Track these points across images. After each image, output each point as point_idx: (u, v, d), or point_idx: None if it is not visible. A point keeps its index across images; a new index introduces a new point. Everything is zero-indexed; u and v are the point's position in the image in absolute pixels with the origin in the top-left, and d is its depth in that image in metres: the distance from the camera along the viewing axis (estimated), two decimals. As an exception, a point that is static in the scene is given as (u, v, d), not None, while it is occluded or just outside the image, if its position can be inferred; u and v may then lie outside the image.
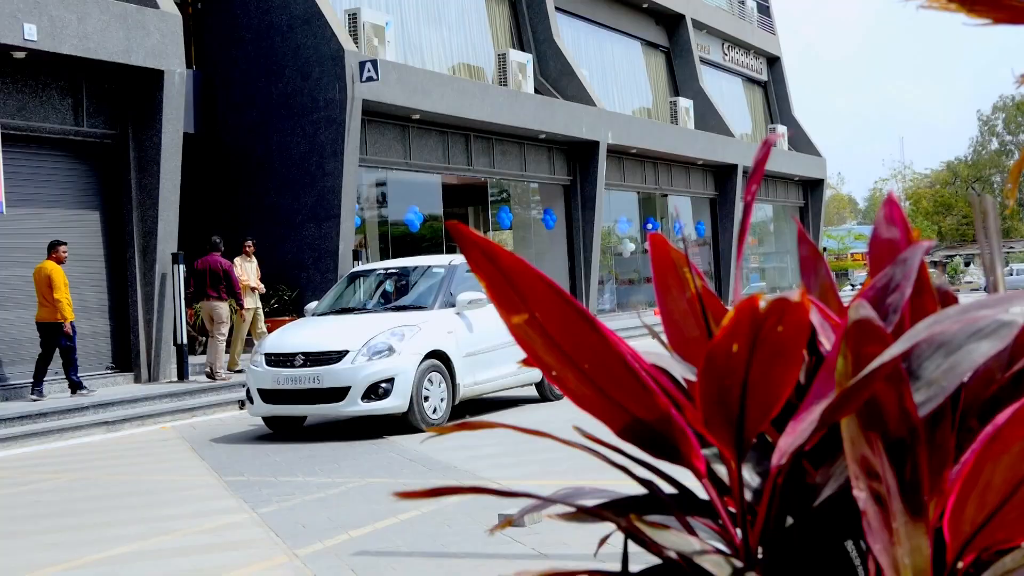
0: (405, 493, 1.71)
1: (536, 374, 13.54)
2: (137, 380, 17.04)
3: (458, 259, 13.56)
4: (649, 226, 33.53)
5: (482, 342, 12.73)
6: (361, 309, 13.31)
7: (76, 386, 15.03)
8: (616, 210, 31.90)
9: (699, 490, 1.91)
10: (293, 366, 11.86)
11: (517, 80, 26.52)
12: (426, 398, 11.91)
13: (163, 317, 17.11)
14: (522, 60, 26.91)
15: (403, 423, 11.87)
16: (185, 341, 17.26)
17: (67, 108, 16.41)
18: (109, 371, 16.95)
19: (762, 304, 1.54)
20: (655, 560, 1.79)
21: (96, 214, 17.07)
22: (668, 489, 1.88)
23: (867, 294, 1.74)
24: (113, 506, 8.91)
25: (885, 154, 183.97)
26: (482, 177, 26.13)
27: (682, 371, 1.80)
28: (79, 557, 7.09)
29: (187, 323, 17.91)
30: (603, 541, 2.16)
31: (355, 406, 11.59)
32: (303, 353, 11.90)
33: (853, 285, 50.45)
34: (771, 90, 44.48)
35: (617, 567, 1.88)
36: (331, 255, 20.00)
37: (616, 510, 1.76)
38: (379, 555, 6.63)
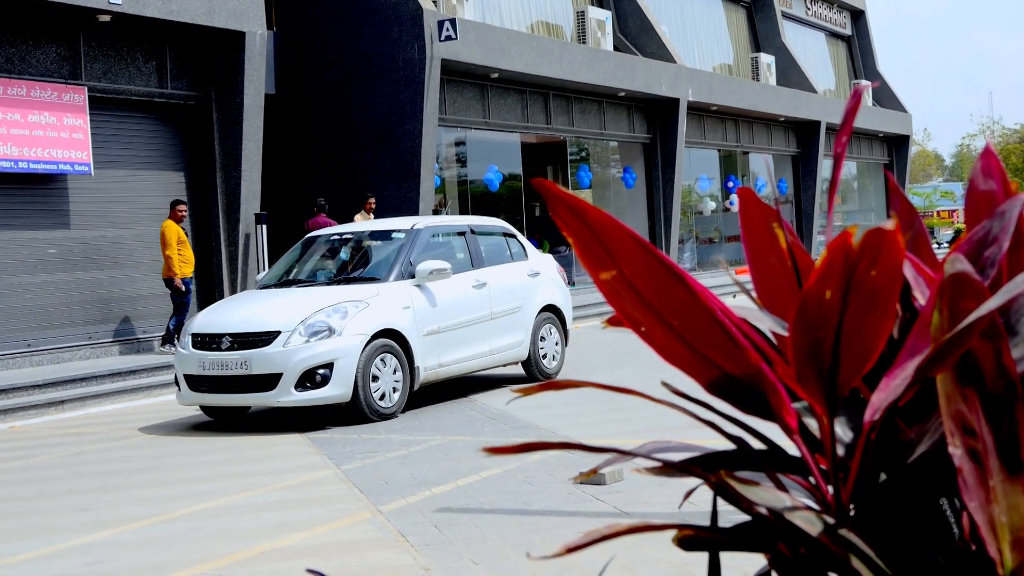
0: (494, 449, 1.71)
1: (521, 352, 12.33)
2: (222, 339, 17.32)
3: (422, 222, 11.99)
4: (731, 184, 33.21)
5: (448, 318, 11.29)
6: (308, 281, 11.69)
7: (167, 338, 15.37)
8: (696, 168, 31.62)
9: (787, 447, 1.89)
10: (220, 349, 10.38)
11: (596, 37, 26.31)
12: (376, 382, 10.39)
13: (248, 277, 17.35)
14: (601, 17, 26.69)
15: (348, 413, 10.43)
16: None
17: (151, 70, 16.63)
18: (195, 330, 17.22)
19: (855, 238, 1.50)
20: (738, 518, 1.78)
21: (181, 175, 17.32)
22: (756, 446, 1.86)
23: (963, 247, 1.70)
24: (200, 462, 9.09)
25: (973, 109, 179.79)
26: (561, 136, 26.04)
27: (771, 325, 1.78)
28: (169, 512, 7.25)
29: None
30: (688, 495, 2.15)
31: (288, 396, 10.09)
32: (230, 334, 10.40)
33: (939, 243, 49.55)
34: (855, 44, 43.62)
35: (700, 525, 1.87)
36: (411, 215, 20.09)
37: (705, 465, 1.75)
38: (461, 511, 6.68)
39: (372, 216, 18.45)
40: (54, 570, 6.03)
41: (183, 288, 15.39)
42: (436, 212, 21.02)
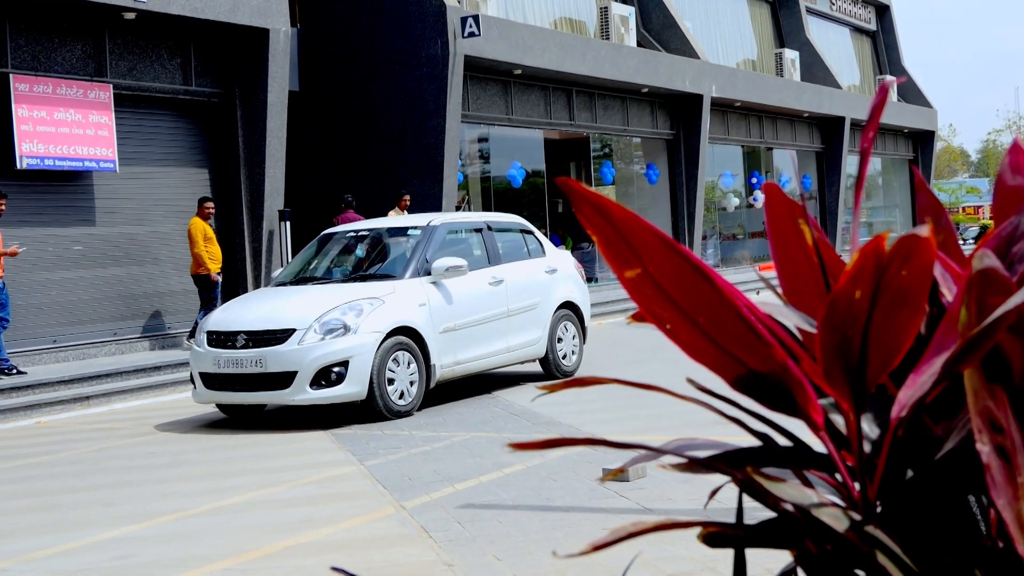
0: (519, 444, 1.71)
1: (539, 349, 12.24)
2: (246, 335, 17.38)
3: (438, 219, 11.96)
4: (754, 180, 33.11)
5: (464, 315, 11.25)
6: (323, 279, 11.72)
7: (194, 331, 15.45)
8: (720, 164, 31.52)
9: (814, 444, 1.88)
10: (235, 347, 10.35)
11: (619, 33, 26.26)
12: (391, 381, 10.34)
13: (271, 273, 17.41)
14: (624, 13, 26.63)
15: (364, 411, 10.40)
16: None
17: (176, 68, 16.70)
18: (219, 326, 17.30)
19: (888, 242, 1.50)
20: (762, 516, 1.77)
21: (205, 172, 17.39)
22: (782, 442, 1.86)
23: (991, 243, 1.70)
24: (225, 458, 9.13)
25: (999, 104, 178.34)
26: (584, 132, 26.00)
27: (798, 321, 1.77)
28: (193, 507, 7.29)
29: None
30: (714, 493, 2.15)
31: (303, 394, 10.06)
32: (245, 332, 10.37)
33: (964, 240, 49.26)
34: (880, 40, 43.39)
35: (726, 521, 1.86)
36: (434, 211, 20.10)
37: (731, 462, 1.74)
38: (484, 508, 6.69)
39: (407, 213, 18.40)
40: (80, 564, 6.07)
41: (216, 281, 15.49)
42: (458, 208, 21.03)
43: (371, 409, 10.30)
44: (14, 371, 13.42)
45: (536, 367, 12.84)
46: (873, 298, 1.55)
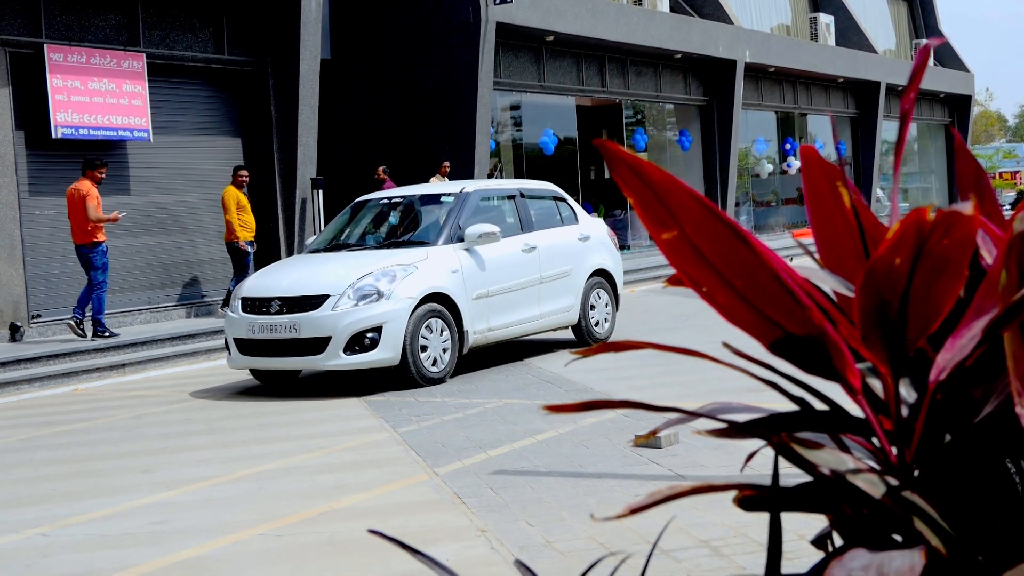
0: (555, 407, 1.71)
1: (571, 316, 12.23)
2: (280, 303, 17.46)
3: (472, 186, 12.02)
4: (788, 146, 32.87)
5: (497, 281, 11.28)
6: (357, 245, 11.72)
7: (228, 302, 15.56)
8: (753, 130, 31.30)
9: (850, 409, 1.87)
10: (269, 313, 10.43)
11: (652, -1, 26.08)
12: (424, 348, 10.40)
13: (305, 241, 17.47)
14: (657, -22, 26.43)
15: (397, 377, 10.46)
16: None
17: (208, 37, 16.72)
18: (253, 294, 17.39)
19: (931, 215, 1.48)
20: (795, 481, 1.76)
21: (237, 141, 17.44)
22: (819, 407, 1.85)
23: (1032, 206, 1.67)
24: (259, 424, 9.20)
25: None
26: (617, 99, 25.88)
27: (835, 285, 1.76)
28: (228, 473, 7.35)
29: None
30: (750, 457, 2.15)
31: (337, 359, 10.11)
32: (280, 298, 10.43)
33: (1001, 205, 48.70)
34: (916, 3, 42.87)
35: (762, 485, 1.86)
36: (466, 179, 20.08)
37: (767, 427, 1.74)
38: (517, 474, 6.71)
39: (447, 179, 18.44)
40: (117, 529, 6.14)
41: (247, 250, 15.57)
42: (490, 176, 21.01)
43: (404, 376, 10.34)
44: (107, 334, 13.66)
45: (568, 334, 12.84)
46: (913, 265, 1.53)
